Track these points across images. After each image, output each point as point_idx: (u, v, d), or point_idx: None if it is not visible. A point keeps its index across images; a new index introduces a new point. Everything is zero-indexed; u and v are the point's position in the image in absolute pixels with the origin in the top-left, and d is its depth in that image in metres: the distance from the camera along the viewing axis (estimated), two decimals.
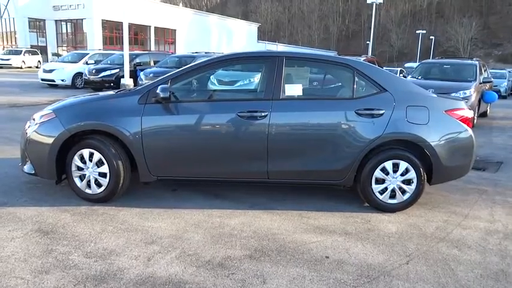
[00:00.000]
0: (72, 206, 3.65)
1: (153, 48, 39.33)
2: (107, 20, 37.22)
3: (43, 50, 36.98)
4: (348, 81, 3.78)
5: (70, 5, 37.14)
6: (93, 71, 16.19)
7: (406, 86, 3.89)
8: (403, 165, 3.70)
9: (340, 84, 4.09)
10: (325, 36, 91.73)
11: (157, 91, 3.51)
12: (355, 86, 3.75)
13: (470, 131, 3.83)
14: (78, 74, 17.10)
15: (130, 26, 39.83)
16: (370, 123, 3.63)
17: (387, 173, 3.72)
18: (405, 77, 11.70)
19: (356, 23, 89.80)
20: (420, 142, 3.67)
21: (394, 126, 3.64)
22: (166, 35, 42.80)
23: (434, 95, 3.95)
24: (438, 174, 3.80)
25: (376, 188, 3.75)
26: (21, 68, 30.62)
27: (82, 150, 3.67)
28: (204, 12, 59.64)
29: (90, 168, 3.68)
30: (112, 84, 15.22)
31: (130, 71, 14.49)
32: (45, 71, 17.47)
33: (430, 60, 12.04)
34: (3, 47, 38.09)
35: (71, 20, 38.18)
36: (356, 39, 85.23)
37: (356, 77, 3.75)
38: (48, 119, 3.72)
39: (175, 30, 43.11)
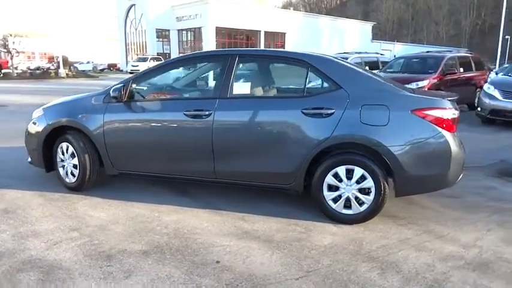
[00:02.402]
0: (51, 192, 4.09)
1: None
2: (220, 27, 39.77)
3: (168, 57, 41.29)
4: (301, 78, 3.50)
5: (190, 15, 40.71)
6: None
7: (368, 83, 3.43)
8: (358, 171, 3.29)
9: (293, 81, 3.80)
10: (455, 32, 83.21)
11: (110, 91, 3.75)
12: (307, 83, 3.46)
13: (447, 135, 3.22)
14: None
15: (242, 31, 42.09)
16: (317, 123, 3.31)
17: (340, 180, 3.34)
18: (495, 73, 10.04)
19: (493, 16, 79.34)
20: (376, 146, 3.21)
21: (345, 128, 3.25)
22: (276, 39, 43.83)
23: (406, 93, 3.39)
24: (403, 185, 3.29)
25: (328, 195, 3.40)
26: None
27: (62, 144, 4.10)
28: (314, 14, 59.46)
29: (67, 160, 4.09)
30: None
31: None
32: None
33: None
34: (137, 55, 43.65)
35: (191, 28, 41.78)
36: (493, 34, 75.11)
37: (309, 74, 3.46)
38: (39, 115, 4.26)
39: (284, 33, 43.89)
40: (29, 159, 4.45)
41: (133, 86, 3.86)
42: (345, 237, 3.16)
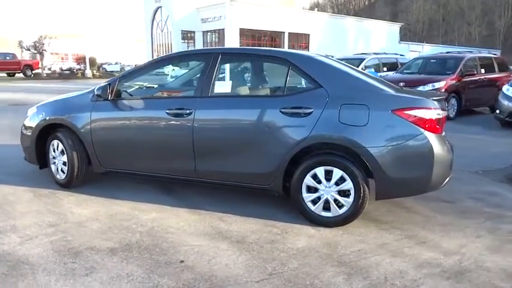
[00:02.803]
0: (42, 188, 4.18)
1: None
2: (244, 29, 39.93)
3: None
4: (282, 77, 3.43)
5: (214, 17, 41.04)
6: None
7: (349, 81, 3.32)
8: (337, 173, 3.19)
9: (274, 79, 3.72)
10: (488, 33, 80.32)
11: (95, 89, 3.79)
12: (287, 82, 3.39)
13: (430, 136, 3.07)
14: None
15: (266, 32, 42.04)
16: (296, 123, 3.23)
17: (319, 181, 3.25)
18: None
19: None
20: (355, 147, 3.11)
21: (323, 128, 3.16)
22: (300, 40, 43.54)
23: (388, 92, 3.26)
24: (383, 187, 3.16)
25: (307, 197, 3.31)
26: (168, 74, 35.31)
27: (53, 141, 4.18)
28: (340, 15, 58.65)
29: (58, 156, 4.17)
30: None
31: None
32: None
33: None
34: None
35: (215, 30, 42.09)
36: None
37: (290, 72, 3.38)
38: (32, 113, 4.36)
39: (308, 34, 43.54)
40: (24, 156, 4.56)
41: (120, 84, 3.89)
42: (320, 240, 3.07)
